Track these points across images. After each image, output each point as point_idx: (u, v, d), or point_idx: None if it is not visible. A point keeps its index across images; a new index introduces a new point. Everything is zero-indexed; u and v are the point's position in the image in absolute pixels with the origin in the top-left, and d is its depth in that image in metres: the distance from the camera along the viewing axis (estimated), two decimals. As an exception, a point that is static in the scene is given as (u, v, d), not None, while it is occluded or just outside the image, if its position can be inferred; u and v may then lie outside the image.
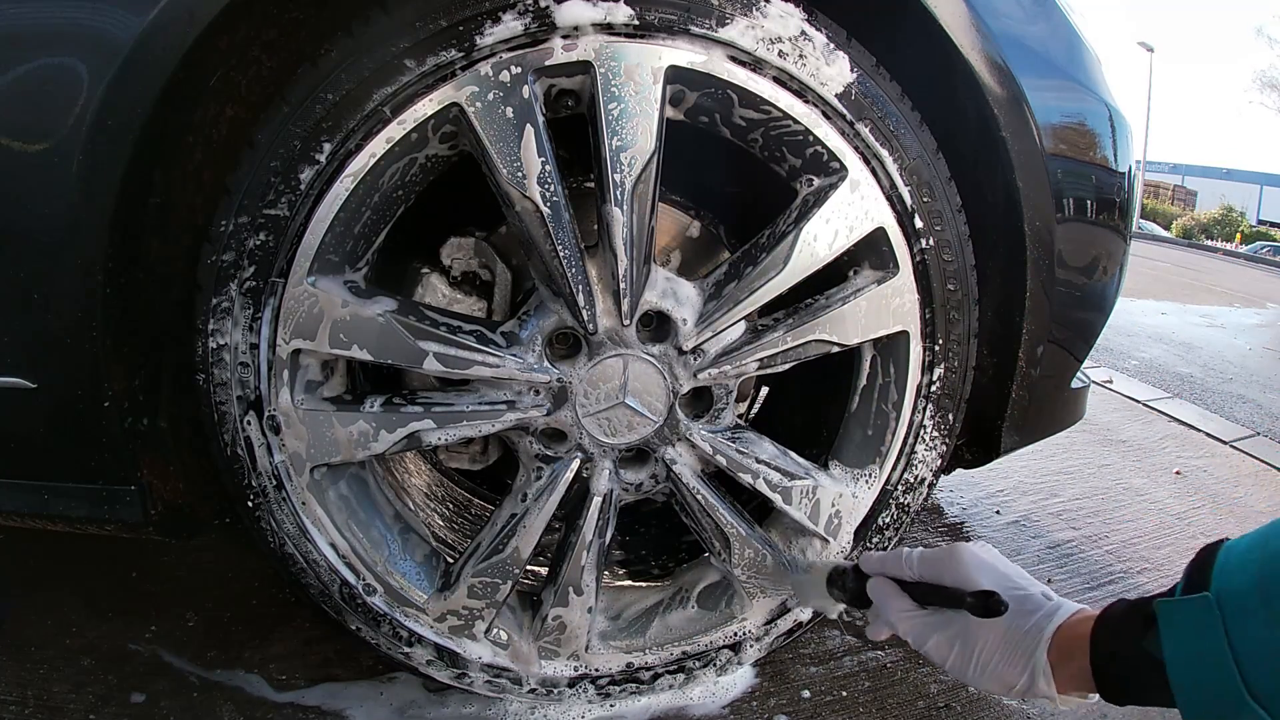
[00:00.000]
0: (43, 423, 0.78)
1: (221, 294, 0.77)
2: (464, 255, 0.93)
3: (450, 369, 0.79)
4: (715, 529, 0.92)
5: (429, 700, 0.99)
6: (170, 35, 0.67)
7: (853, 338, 0.88)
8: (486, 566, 0.87)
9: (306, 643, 1.08)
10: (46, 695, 0.96)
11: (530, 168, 0.74)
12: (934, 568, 0.71)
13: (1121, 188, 0.99)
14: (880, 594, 0.74)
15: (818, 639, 1.16)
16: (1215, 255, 18.69)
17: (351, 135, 0.74)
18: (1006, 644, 0.64)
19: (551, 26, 0.73)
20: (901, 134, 0.83)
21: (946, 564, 0.70)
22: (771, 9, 0.77)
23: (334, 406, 0.82)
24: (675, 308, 0.83)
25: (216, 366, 0.79)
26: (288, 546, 0.86)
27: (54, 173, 0.68)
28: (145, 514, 0.81)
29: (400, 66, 0.72)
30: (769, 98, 0.79)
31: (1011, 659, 0.63)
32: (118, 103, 0.67)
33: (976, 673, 0.66)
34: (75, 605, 1.13)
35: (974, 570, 0.68)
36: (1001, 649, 0.64)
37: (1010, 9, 0.87)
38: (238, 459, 0.82)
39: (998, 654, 0.64)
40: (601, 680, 0.97)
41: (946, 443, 0.96)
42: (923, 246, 0.86)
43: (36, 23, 0.67)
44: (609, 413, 0.85)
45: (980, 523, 1.63)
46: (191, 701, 0.97)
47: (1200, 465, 2.13)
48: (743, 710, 1.01)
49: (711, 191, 1.06)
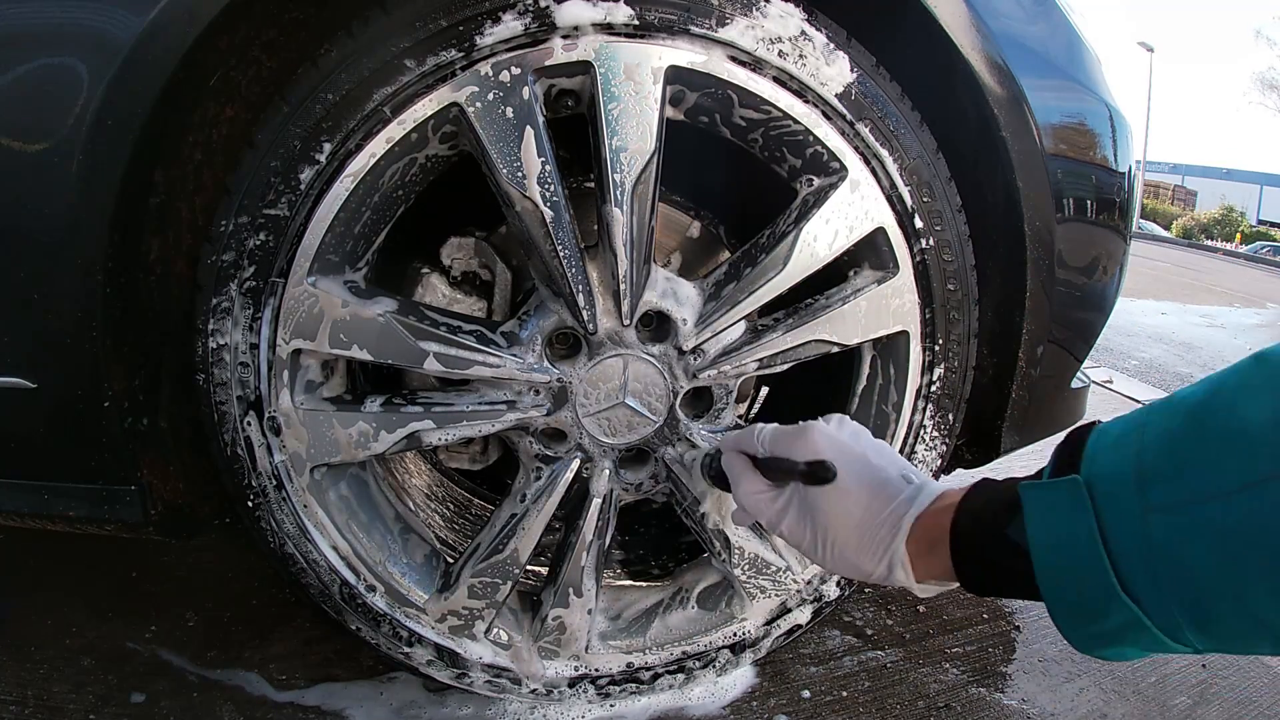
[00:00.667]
0: (43, 423, 0.78)
1: (221, 294, 0.77)
2: (464, 255, 0.93)
3: (450, 369, 0.79)
4: (714, 529, 0.91)
5: (429, 700, 0.99)
6: (170, 35, 0.67)
7: (853, 338, 0.88)
8: (486, 567, 0.87)
9: (306, 643, 1.08)
10: (46, 695, 0.96)
11: (530, 168, 0.74)
12: (784, 443, 0.67)
13: (1121, 188, 0.99)
14: (733, 470, 0.71)
15: (818, 639, 1.17)
16: (1215, 255, 18.70)
17: (351, 135, 0.74)
18: (863, 529, 0.60)
19: (551, 26, 0.73)
20: (901, 134, 0.83)
21: (796, 439, 0.66)
22: (771, 9, 0.77)
23: (334, 406, 0.82)
24: (675, 308, 0.83)
25: (216, 366, 0.79)
26: (288, 546, 0.86)
27: (54, 173, 0.68)
28: (145, 514, 0.81)
29: (400, 66, 0.72)
30: (769, 98, 0.79)
31: (868, 546, 0.60)
32: (118, 103, 0.67)
33: (832, 557, 0.62)
34: (75, 605, 1.13)
35: (823, 444, 0.64)
36: (858, 534, 0.60)
37: (1010, 9, 0.87)
38: (238, 459, 0.82)
39: (854, 539, 0.61)
40: (601, 680, 0.97)
41: (946, 443, 0.96)
42: (923, 246, 0.86)
43: (36, 23, 0.67)
44: (609, 413, 0.85)
45: (980, 523, 1.63)
46: (191, 701, 0.97)
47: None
48: (743, 710, 1.01)
49: (711, 191, 1.06)
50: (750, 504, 0.69)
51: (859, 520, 0.61)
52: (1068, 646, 1.27)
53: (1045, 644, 1.20)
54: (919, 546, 0.58)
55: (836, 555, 0.62)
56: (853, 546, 0.61)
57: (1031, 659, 1.16)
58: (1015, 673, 1.13)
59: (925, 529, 0.58)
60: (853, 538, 0.61)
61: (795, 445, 0.66)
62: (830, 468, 0.60)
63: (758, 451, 0.70)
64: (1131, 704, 1.08)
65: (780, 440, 0.68)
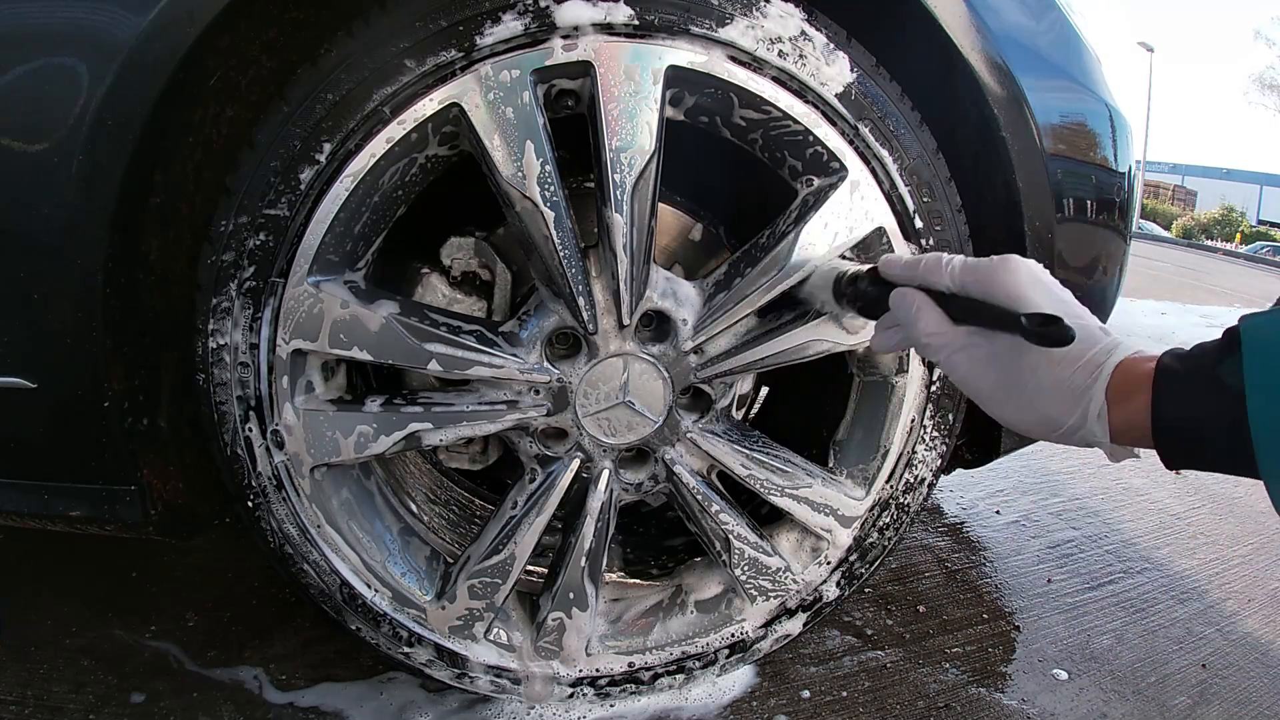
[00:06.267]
0: (43, 423, 0.78)
1: (221, 294, 0.77)
2: (464, 255, 0.93)
3: (451, 369, 0.79)
4: (715, 529, 0.92)
5: (428, 700, 0.99)
6: (170, 35, 0.67)
7: (852, 338, 0.88)
8: (487, 568, 0.87)
9: (306, 643, 1.09)
10: (46, 695, 0.96)
11: (530, 168, 0.74)
12: (979, 279, 0.59)
13: (1121, 188, 0.99)
14: (906, 305, 0.62)
15: (818, 639, 1.17)
16: (1215, 255, 18.69)
17: (351, 135, 0.73)
18: (1059, 376, 0.54)
19: (551, 27, 0.73)
20: (901, 134, 0.83)
21: (996, 276, 0.58)
22: (771, 9, 0.77)
23: (334, 407, 0.82)
24: (675, 308, 0.83)
25: (216, 366, 0.79)
26: (288, 546, 0.86)
27: (54, 173, 0.68)
28: (145, 514, 0.81)
29: (400, 66, 0.72)
30: (769, 98, 0.79)
31: (1065, 394, 0.54)
32: (118, 103, 0.67)
33: (1019, 406, 0.56)
34: (75, 605, 1.14)
35: (1029, 287, 0.56)
36: (1053, 381, 0.54)
37: (1010, 9, 0.87)
38: (238, 459, 0.82)
39: (1048, 386, 0.54)
40: (601, 681, 0.97)
41: (946, 443, 0.96)
42: (923, 246, 0.86)
43: (36, 23, 0.67)
44: (609, 413, 0.85)
45: (980, 523, 1.63)
46: (191, 701, 0.97)
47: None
48: (743, 710, 1.01)
49: (712, 192, 1.06)
50: (931, 343, 0.60)
51: (1057, 365, 0.54)
52: (1068, 646, 1.27)
53: (1045, 644, 1.20)
54: (1116, 393, 0.52)
55: (1024, 404, 0.56)
56: (1046, 394, 0.55)
57: (1031, 659, 1.16)
58: (1015, 673, 1.13)
59: (1125, 374, 0.52)
60: (1047, 384, 0.54)
61: (995, 283, 0.57)
62: (1068, 329, 0.52)
63: (944, 285, 0.61)
64: (1131, 704, 1.08)
65: (975, 274, 0.59)
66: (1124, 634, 1.24)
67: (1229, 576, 1.47)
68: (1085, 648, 1.20)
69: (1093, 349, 0.54)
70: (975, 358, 0.58)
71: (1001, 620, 1.26)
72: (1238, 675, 1.16)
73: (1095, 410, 0.53)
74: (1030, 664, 1.15)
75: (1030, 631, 1.23)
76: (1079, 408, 0.53)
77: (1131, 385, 0.52)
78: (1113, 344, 0.54)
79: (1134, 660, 1.18)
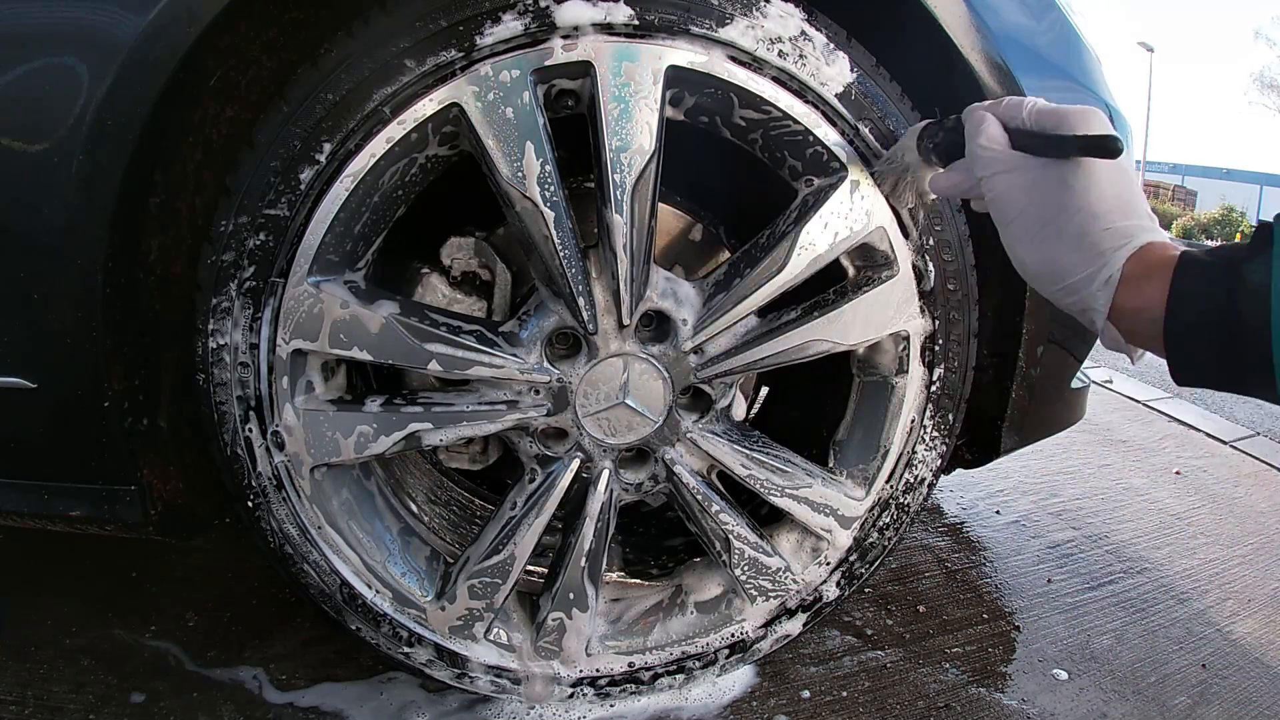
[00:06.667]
0: (43, 423, 0.78)
1: (221, 294, 0.77)
2: (464, 255, 0.93)
3: (451, 370, 0.79)
4: (715, 529, 0.92)
5: (428, 700, 0.99)
6: (170, 35, 0.67)
7: (852, 338, 0.88)
8: (487, 568, 0.87)
9: (306, 643, 1.09)
10: (46, 695, 0.96)
11: (530, 168, 0.74)
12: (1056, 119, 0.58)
13: (1121, 188, 0.99)
14: (976, 119, 0.62)
15: (818, 639, 1.17)
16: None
17: (351, 135, 0.73)
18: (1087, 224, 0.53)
19: (551, 27, 0.73)
20: (902, 134, 0.83)
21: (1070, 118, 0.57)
22: (771, 9, 0.77)
23: (334, 407, 0.82)
24: (675, 308, 0.83)
25: (216, 366, 0.79)
26: (288, 547, 0.86)
27: (54, 173, 0.68)
28: (145, 514, 0.81)
29: (400, 66, 0.72)
30: (769, 98, 0.79)
31: (1085, 243, 0.52)
32: (118, 103, 0.67)
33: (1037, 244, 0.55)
34: (75, 605, 1.14)
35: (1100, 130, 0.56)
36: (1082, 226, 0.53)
37: (1010, 9, 0.87)
38: (238, 459, 0.82)
39: (1074, 229, 0.53)
40: (601, 681, 0.97)
41: (946, 443, 0.96)
42: (922, 246, 0.86)
43: (36, 23, 0.67)
44: (609, 413, 0.85)
45: (980, 523, 1.63)
46: (191, 701, 0.97)
47: (1200, 465, 2.13)
48: (742, 710, 1.01)
49: (712, 192, 1.06)
50: (984, 155, 0.60)
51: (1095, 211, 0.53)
52: (1068, 646, 1.27)
53: (1045, 644, 1.20)
54: (1134, 270, 0.51)
55: (1043, 243, 0.54)
56: (1069, 238, 0.53)
57: (1031, 659, 1.16)
58: (1015, 673, 1.13)
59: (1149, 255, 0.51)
60: (1074, 227, 0.53)
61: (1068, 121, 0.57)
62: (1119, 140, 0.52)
63: (1019, 119, 0.61)
64: (1131, 704, 1.08)
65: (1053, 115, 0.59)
66: (1124, 634, 1.24)
67: (1229, 576, 1.47)
68: (1085, 648, 1.20)
69: (1129, 220, 0.52)
70: (1017, 182, 0.57)
71: (1001, 620, 1.26)
72: (1238, 675, 1.16)
73: (1107, 274, 0.51)
74: (1030, 664, 1.15)
75: (1030, 631, 1.23)
76: (1093, 265, 0.52)
77: (1153, 267, 0.50)
78: (1151, 227, 0.53)
79: (1134, 660, 1.18)
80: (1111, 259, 0.51)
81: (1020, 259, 0.57)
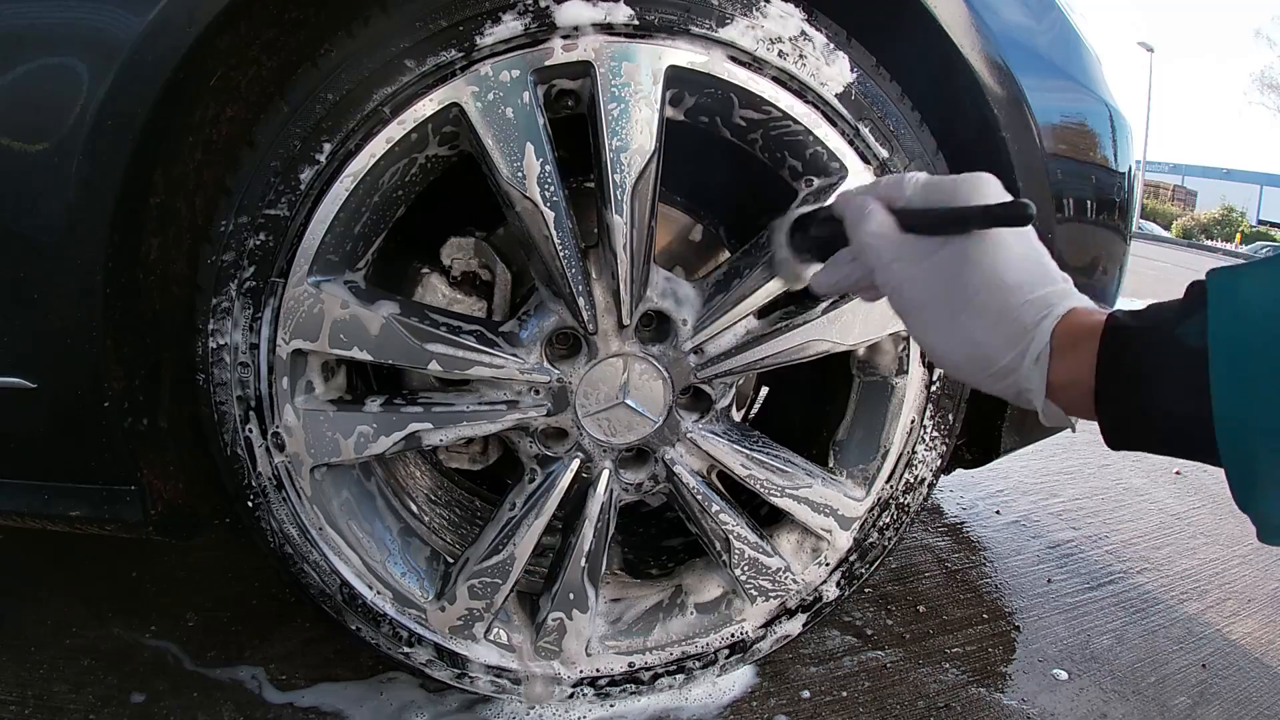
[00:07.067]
0: (43, 423, 0.78)
1: (221, 294, 0.77)
2: (464, 255, 0.93)
3: (451, 370, 0.79)
4: (715, 530, 0.92)
5: (428, 700, 0.99)
6: (170, 35, 0.67)
7: (852, 338, 0.88)
8: (487, 568, 0.87)
9: (306, 643, 1.09)
10: (46, 695, 0.96)
11: (530, 168, 0.74)
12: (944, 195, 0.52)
13: (1121, 188, 0.99)
14: (855, 206, 0.55)
15: (818, 639, 1.17)
16: (1216, 255, 18.69)
17: (351, 135, 0.73)
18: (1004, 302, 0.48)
19: (551, 27, 0.73)
20: (902, 134, 0.83)
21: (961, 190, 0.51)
22: (771, 9, 0.77)
23: (334, 407, 0.82)
24: (675, 308, 0.83)
25: (216, 367, 0.79)
26: (288, 547, 0.86)
27: (54, 173, 0.68)
28: (145, 514, 0.81)
29: (400, 66, 0.72)
30: (769, 98, 0.79)
31: (1004, 324, 0.48)
32: (118, 103, 0.67)
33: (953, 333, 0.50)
34: (75, 605, 1.14)
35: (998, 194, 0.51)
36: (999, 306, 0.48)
37: (1010, 9, 0.87)
38: (238, 459, 0.82)
39: (990, 312, 0.48)
40: (601, 681, 0.96)
41: (946, 443, 0.96)
42: (923, 247, 0.86)
43: (36, 23, 0.67)
44: (609, 413, 0.85)
45: (980, 523, 1.63)
46: (191, 701, 0.97)
47: (1200, 465, 2.13)
48: (742, 710, 1.01)
49: (712, 192, 1.06)
50: (874, 244, 0.54)
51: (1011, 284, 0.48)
52: (1068, 646, 1.27)
53: (1045, 644, 1.20)
54: (1062, 340, 0.47)
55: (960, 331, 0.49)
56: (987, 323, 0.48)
57: (1031, 659, 1.16)
58: (1015, 673, 1.13)
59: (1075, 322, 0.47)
60: (990, 310, 0.48)
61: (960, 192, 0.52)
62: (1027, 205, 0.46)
63: (903, 199, 0.55)
64: (1131, 704, 1.08)
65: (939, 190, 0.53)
66: (1124, 634, 1.24)
67: (1229, 576, 1.47)
68: (1085, 648, 1.20)
69: (1046, 288, 0.48)
70: (916, 269, 0.51)
71: (1001, 620, 1.26)
72: (1238, 675, 1.16)
73: (1036, 351, 0.47)
74: (1030, 664, 1.15)
75: (1030, 631, 1.23)
76: (1019, 345, 0.47)
77: (1079, 332, 0.46)
78: (1069, 290, 0.49)
79: (1134, 660, 1.18)
80: (1037, 333, 0.47)
81: (936, 350, 0.52)
